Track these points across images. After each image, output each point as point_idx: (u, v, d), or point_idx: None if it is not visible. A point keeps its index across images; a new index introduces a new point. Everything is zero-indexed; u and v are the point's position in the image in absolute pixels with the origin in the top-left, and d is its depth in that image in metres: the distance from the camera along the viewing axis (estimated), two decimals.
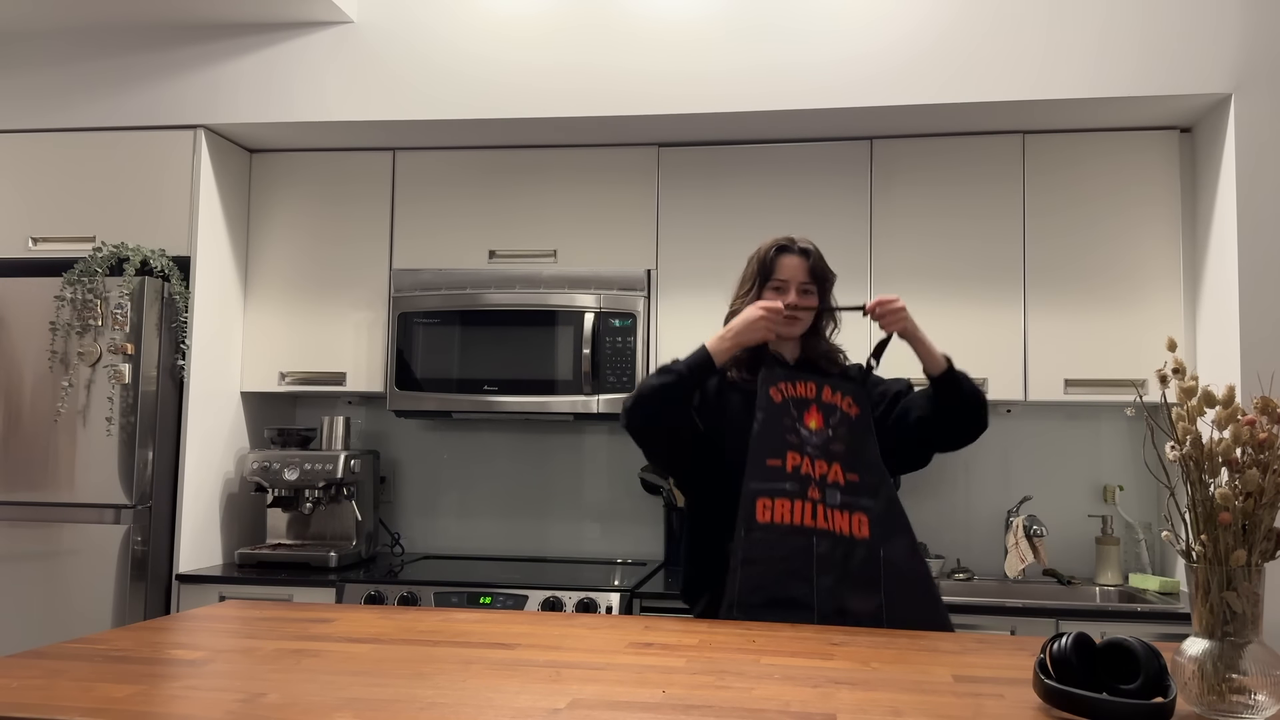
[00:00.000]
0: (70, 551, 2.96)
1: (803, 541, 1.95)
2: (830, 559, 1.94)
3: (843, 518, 1.97)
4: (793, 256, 2.13)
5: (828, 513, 1.97)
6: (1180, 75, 2.80)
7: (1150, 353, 2.98)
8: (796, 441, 2.00)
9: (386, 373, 3.28)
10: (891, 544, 1.99)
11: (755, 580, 1.95)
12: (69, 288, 3.02)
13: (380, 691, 1.36)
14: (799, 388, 2.07)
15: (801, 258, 2.13)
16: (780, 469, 1.98)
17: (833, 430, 2.03)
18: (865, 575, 1.96)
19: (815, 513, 1.96)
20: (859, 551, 1.96)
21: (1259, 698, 1.22)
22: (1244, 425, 1.26)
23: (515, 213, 3.32)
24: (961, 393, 2.04)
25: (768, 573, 1.94)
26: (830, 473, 1.99)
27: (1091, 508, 3.25)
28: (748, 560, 1.95)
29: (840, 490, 1.99)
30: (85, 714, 1.24)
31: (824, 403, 2.06)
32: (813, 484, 1.98)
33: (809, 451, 2.00)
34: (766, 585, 1.94)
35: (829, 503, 1.97)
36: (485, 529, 3.58)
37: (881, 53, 2.93)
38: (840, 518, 1.96)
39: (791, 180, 3.19)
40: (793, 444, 2.00)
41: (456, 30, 3.12)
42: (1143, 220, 3.03)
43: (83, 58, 3.24)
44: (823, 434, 2.02)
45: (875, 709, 1.30)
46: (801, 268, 2.12)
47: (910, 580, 1.99)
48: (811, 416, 2.04)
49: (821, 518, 1.96)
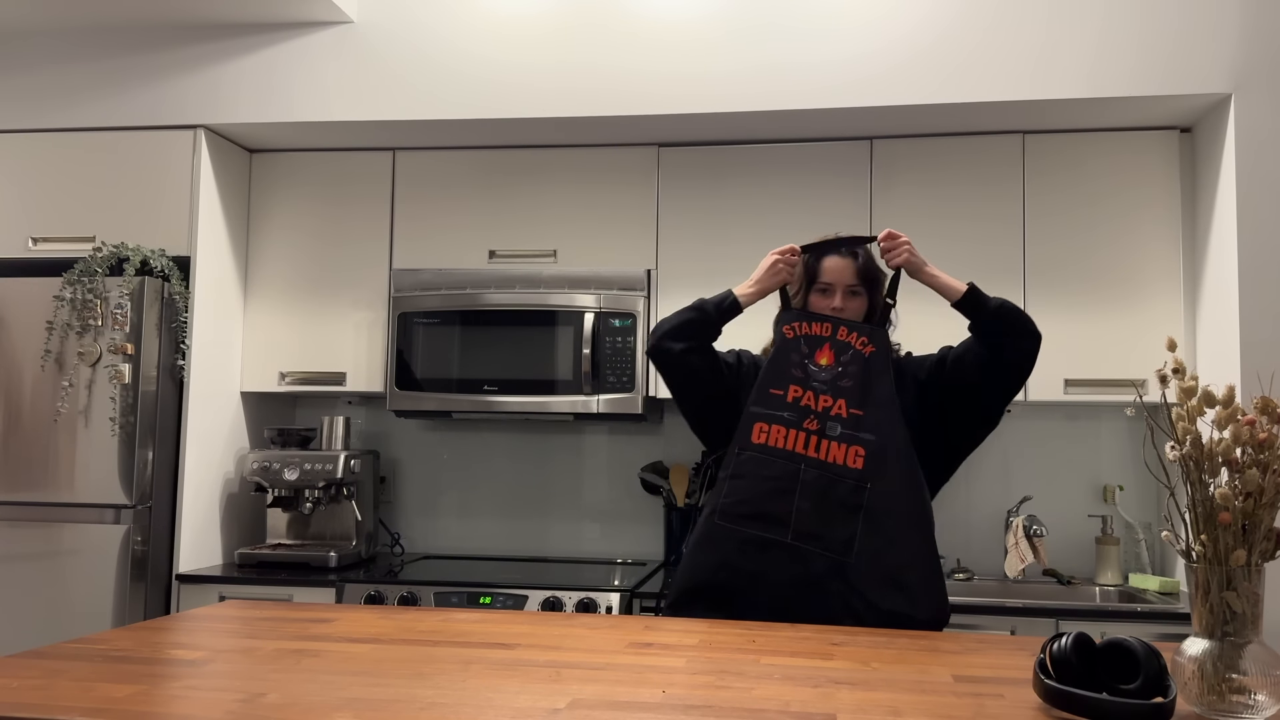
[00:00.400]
0: (70, 551, 2.96)
1: (791, 466, 2.02)
2: (814, 486, 2.00)
3: (839, 449, 2.01)
4: (838, 258, 2.13)
5: (822, 444, 2.02)
6: (1180, 75, 2.80)
7: (1150, 353, 2.98)
8: (801, 376, 2.06)
9: (386, 373, 3.28)
10: (884, 479, 2.00)
11: (740, 493, 2.03)
12: (69, 288, 3.02)
13: (380, 691, 1.36)
14: (814, 326, 2.10)
15: (849, 259, 2.12)
16: (781, 398, 2.05)
17: (843, 367, 2.06)
18: (847, 505, 1.98)
19: (808, 443, 2.02)
20: (846, 482, 2.00)
21: (1259, 698, 1.22)
22: (1244, 425, 1.26)
23: (515, 213, 3.32)
24: (991, 310, 2.05)
25: (753, 488, 2.02)
26: (835, 406, 2.04)
27: (1091, 508, 3.25)
28: (736, 475, 2.04)
29: (841, 423, 2.03)
30: (85, 714, 1.24)
31: (838, 340, 2.09)
32: (811, 415, 2.03)
33: (814, 385, 2.05)
34: (750, 499, 2.02)
35: (828, 434, 2.02)
36: (485, 529, 3.58)
37: (881, 52, 2.93)
38: (837, 449, 2.01)
39: (791, 180, 3.19)
40: (797, 377, 2.06)
41: (456, 30, 3.12)
42: (1143, 220, 3.03)
43: (83, 58, 3.24)
44: (832, 370, 2.06)
45: (875, 709, 1.30)
46: (848, 269, 2.12)
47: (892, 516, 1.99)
48: (823, 354, 2.08)
49: (813, 447, 2.02)
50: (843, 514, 1.98)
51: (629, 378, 3.12)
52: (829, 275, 2.12)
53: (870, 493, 1.98)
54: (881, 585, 1.96)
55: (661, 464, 3.44)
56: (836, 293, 2.11)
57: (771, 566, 1.98)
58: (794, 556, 1.97)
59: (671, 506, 3.38)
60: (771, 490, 2.01)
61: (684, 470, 3.39)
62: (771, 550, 1.98)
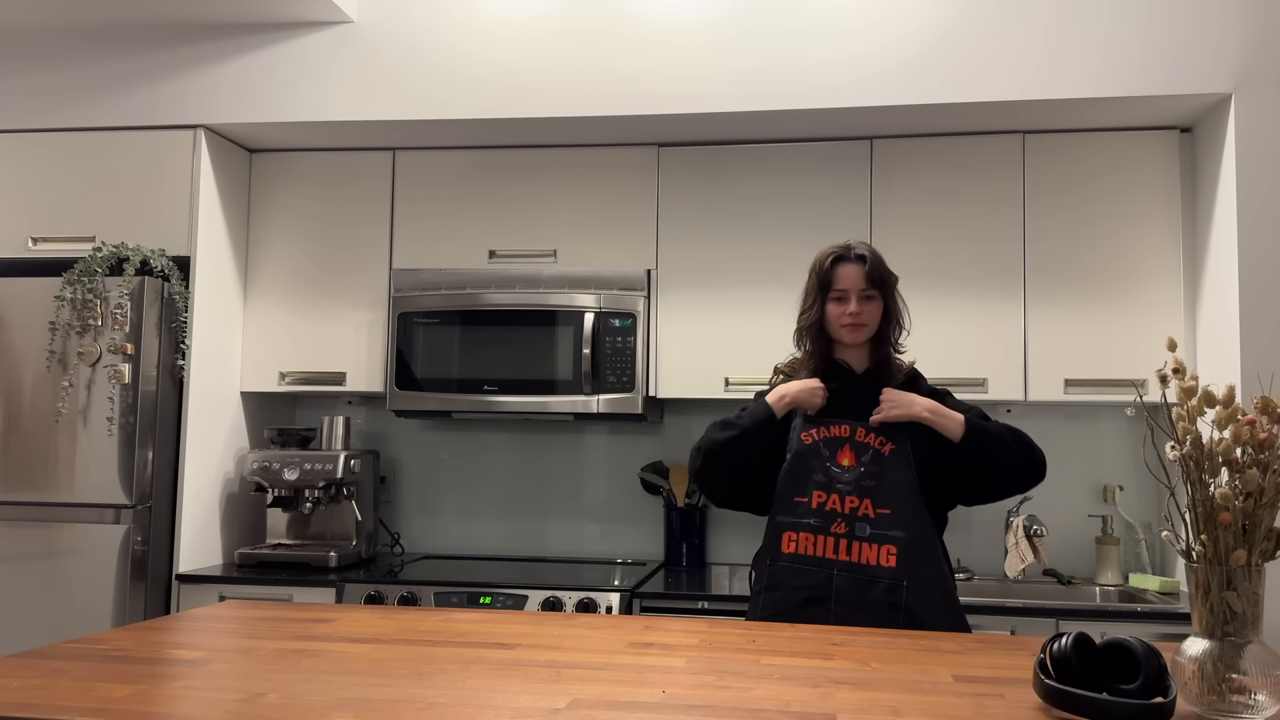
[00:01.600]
0: (70, 551, 2.96)
1: (824, 573, 2.02)
2: (849, 590, 2.00)
3: (870, 550, 2.02)
4: (850, 265, 2.12)
5: (853, 545, 2.02)
6: (1181, 75, 2.80)
7: (1150, 353, 2.98)
8: (825, 480, 2.06)
9: (386, 373, 3.28)
10: (918, 574, 2.01)
11: (776, 605, 2.04)
12: (69, 288, 3.02)
13: (380, 691, 1.36)
14: (833, 430, 2.10)
15: (859, 264, 2.12)
16: (806, 505, 2.06)
17: (864, 467, 2.06)
18: (884, 604, 1.98)
19: (838, 547, 2.03)
20: (882, 582, 2.00)
21: (1259, 698, 1.22)
22: (1244, 425, 1.26)
23: (515, 213, 3.32)
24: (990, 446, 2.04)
25: (788, 599, 2.03)
26: (861, 507, 2.04)
27: (1091, 508, 3.25)
28: (770, 587, 2.06)
29: (870, 523, 2.03)
30: (85, 714, 1.24)
31: (857, 442, 2.08)
32: (839, 519, 2.04)
33: (839, 488, 2.05)
34: (785, 611, 2.02)
35: (857, 535, 2.03)
36: (485, 529, 3.58)
37: (882, 53, 2.93)
38: (868, 550, 2.02)
39: (791, 180, 3.19)
40: (820, 483, 2.06)
41: (456, 30, 3.12)
42: (1143, 220, 3.03)
43: (83, 58, 3.24)
44: (855, 470, 2.06)
45: (875, 709, 1.30)
46: (859, 274, 2.11)
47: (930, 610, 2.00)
48: (844, 455, 2.08)
49: (844, 551, 2.02)
50: (881, 614, 1.98)
51: (629, 378, 3.12)
52: (842, 282, 2.12)
53: (907, 590, 1.99)
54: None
55: (661, 464, 3.44)
56: (851, 298, 2.11)
57: None
58: None
59: (671, 506, 3.38)
60: (806, 600, 2.01)
61: (684, 470, 3.39)
62: None
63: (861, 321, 2.11)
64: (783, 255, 3.15)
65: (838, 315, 2.13)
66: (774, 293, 3.12)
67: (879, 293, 2.13)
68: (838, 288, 2.12)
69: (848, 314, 2.11)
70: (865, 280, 2.11)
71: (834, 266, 2.13)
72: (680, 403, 3.39)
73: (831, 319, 2.14)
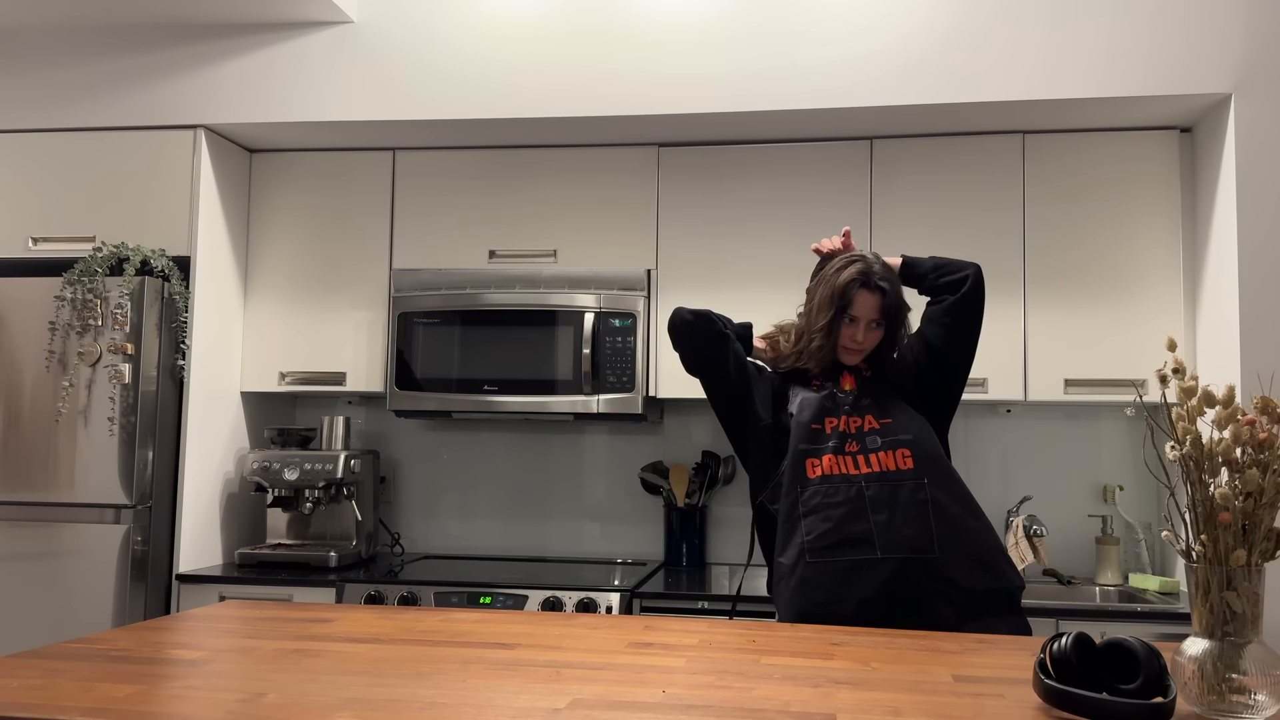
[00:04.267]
0: (70, 551, 2.96)
1: (854, 487, 2.09)
2: (881, 498, 2.07)
3: (888, 456, 2.10)
4: (871, 295, 2.14)
5: (871, 457, 2.11)
6: (1181, 75, 2.80)
7: (1150, 353, 2.98)
8: (833, 405, 2.16)
9: (386, 373, 3.28)
10: (934, 469, 2.10)
11: (820, 527, 2.08)
12: (69, 288, 3.02)
13: (380, 691, 1.36)
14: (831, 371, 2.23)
15: (878, 296, 2.14)
16: (821, 431, 2.14)
17: (859, 388, 2.18)
18: (914, 503, 2.06)
19: (857, 462, 2.11)
20: (907, 484, 2.08)
21: (1259, 698, 1.22)
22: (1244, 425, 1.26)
23: (515, 213, 3.32)
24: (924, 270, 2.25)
25: (830, 518, 2.07)
26: (865, 422, 2.14)
27: (1091, 508, 3.25)
28: (807, 512, 2.09)
29: (879, 434, 2.13)
30: (85, 714, 1.24)
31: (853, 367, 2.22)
32: (849, 438, 2.13)
33: (844, 410, 2.16)
34: (831, 530, 2.06)
35: (869, 448, 2.11)
36: (485, 529, 3.58)
37: (882, 53, 2.93)
38: (886, 457, 2.10)
39: (791, 180, 3.19)
40: (828, 408, 2.16)
41: (456, 30, 3.12)
42: (1143, 220, 3.03)
43: (83, 58, 3.24)
44: (852, 393, 2.18)
45: (875, 709, 1.30)
46: (876, 307, 2.14)
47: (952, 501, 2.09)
48: (846, 380, 2.20)
49: (864, 464, 2.11)
50: (914, 514, 2.05)
51: (629, 378, 3.12)
52: (859, 310, 2.14)
53: (929, 486, 2.07)
54: (970, 569, 2.04)
55: (661, 464, 3.44)
56: (860, 326, 2.15)
57: (871, 586, 2.02)
58: (889, 569, 2.02)
59: (671, 506, 3.38)
60: (846, 514, 2.06)
61: (684, 470, 3.39)
62: (868, 571, 2.03)
63: (861, 349, 2.18)
64: (783, 255, 3.15)
65: (845, 336, 2.16)
66: (774, 293, 3.12)
67: (886, 324, 2.17)
68: (853, 312, 2.14)
69: (852, 339, 2.15)
70: (878, 311, 2.15)
71: (855, 291, 2.14)
72: (680, 403, 3.39)
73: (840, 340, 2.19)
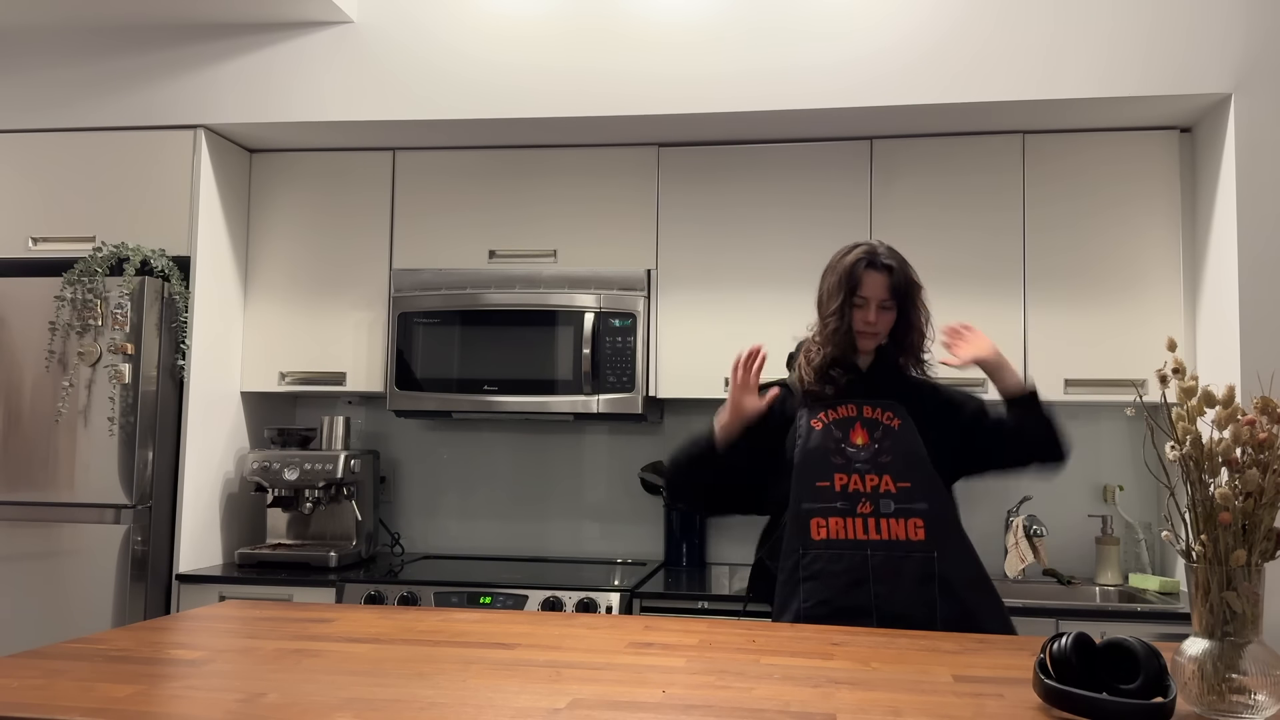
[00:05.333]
0: (70, 551, 2.96)
1: (858, 555, 2.02)
2: (885, 568, 2.01)
3: (898, 525, 2.03)
4: (877, 274, 2.11)
5: (882, 523, 2.03)
6: (1181, 75, 2.80)
7: (1150, 352, 2.98)
8: (843, 462, 2.07)
9: (386, 373, 3.28)
10: (947, 544, 2.03)
11: (818, 594, 2.02)
12: (69, 288, 3.02)
13: (380, 691, 1.36)
14: (840, 411, 2.11)
15: (885, 274, 2.11)
16: (829, 489, 2.05)
17: (878, 444, 2.07)
18: (920, 577, 2.00)
19: (866, 527, 2.03)
20: (915, 556, 2.01)
21: (1259, 698, 1.22)
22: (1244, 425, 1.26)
23: (515, 213, 3.32)
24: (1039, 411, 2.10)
25: (830, 585, 2.02)
26: (882, 483, 2.05)
27: (1091, 508, 3.25)
28: (809, 576, 2.04)
29: (893, 499, 2.04)
30: (85, 714, 1.24)
31: (866, 419, 2.10)
32: (863, 499, 2.04)
33: (857, 468, 2.06)
34: (829, 599, 2.01)
35: (882, 512, 2.03)
36: (485, 529, 3.58)
37: (882, 53, 2.93)
38: (896, 526, 2.03)
39: (791, 180, 3.19)
40: (839, 465, 2.06)
41: (456, 31, 3.12)
42: (1143, 220, 3.03)
43: (83, 58, 3.24)
44: (870, 448, 2.07)
45: (875, 709, 1.30)
46: (884, 285, 2.10)
47: (962, 578, 2.03)
48: (857, 434, 2.09)
49: (874, 530, 2.03)
50: (919, 588, 1.99)
51: (629, 378, 3.12)
52: (866, 289, 2.11)
53: (939, 561, 2.01)
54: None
55: (661, 464, 3.43)
56: (870, 307, 2.10)
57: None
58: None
59: (671, 506, 3.38)
60: (847, 584, 2.01)
61: None
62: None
63: (875, 331, 2.12)
64: (783, 255, 3.15)
65: (855, 320, 2.12)
66: (774, 293, 3.12)
67: (896, 304, 2.12)
68: (861, 294, 2.11)
69: (864, 322, 2.11)
70: (887, 290, 2.10)
71: (862, 270, 2.11)
72: (680, 403, 3.39)
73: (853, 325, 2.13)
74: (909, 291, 2.13)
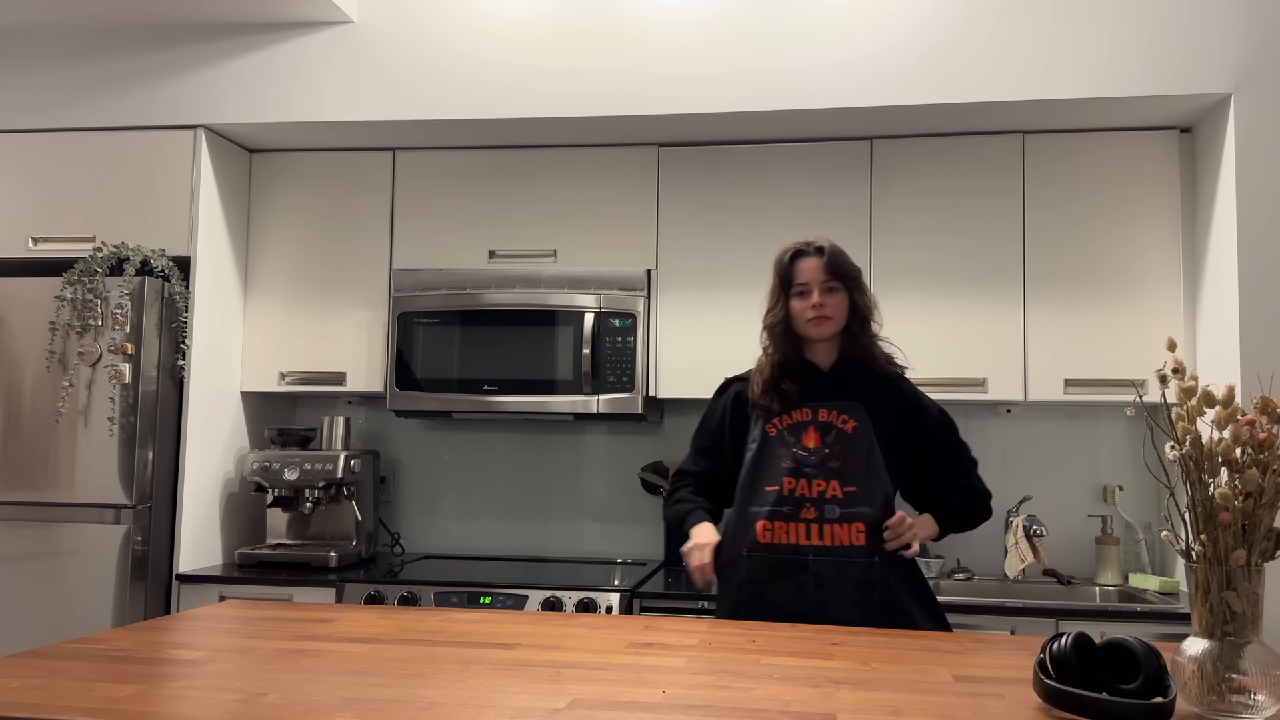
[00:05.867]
0: (70, 551, 2.96)
1: (799, 559, 2.05)
2: (826, 573, 2.03)
3: (842, 530, 2.04)
4: (809, 258, 2.14)
5: (825, 529, 2.05)
6: (1181, 75, 2.80)
7: (1150, 353, 2.97)
8: (792, 466, 2.09)
9: (386, 373, 3.28)
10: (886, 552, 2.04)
11: (758, 597, 2.05)
12: (69, 288, 3.02)
13: (380, 691, 1.36)
14: (795, 415, 2.13)
15: (817, 257, 2.13)
16: (777, 493, 2.08)
17: (829, 448, 2.09)
18: (861, 583, 2.02)
19: (809, 532, 2.05)
20: (856, 562, 2.03)
21: (1259, 698, 1.22)
22: (1244, 425, 1.26)
23: (515, 213, 3.32)
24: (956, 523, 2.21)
25: (769, 590, 2.05)
26: (829, 489, 2.06)
27: (1091, 508, 3.25)
28: (751, 579, 2.07)
29: (839, 504, 2.06)
30: (85, 714, 1.24)
31: (820, 422, 2.11)
32: (808, 504, 2.06)
33: (806, 472, 2.08)
34: (767, 601, 2.04)
35: (827, 518, 2.05)
36: (485, 529, 3.58)
37: (882, 53, 2.93)
38: (840, 531, 2.04)
39: (791, 180, 3.19)
40: (787, 469, 2.09)
41: (456, 31, 3.12)
42: (1142, 220, 3.03)
43: (82, 58, 3.24)
44: (820, 452, 2.09)
45: (875, 709, 1.30)
46: (819, 267, 2.12)
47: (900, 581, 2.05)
48: (809, 437, 2.10)
49: (816, 535, 2.05)
50: (857, 593, 2.02)
51: (629, 378, 3.12)
52: (803, 276, 2.13)
53: (878, 566, 2.03)
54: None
55: (661, 464, 3.44)
56: (814, 291, 2.12)
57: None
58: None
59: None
60: (786, 588, 2.04)
61: None
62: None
63: (826, 314, 2.12)
64: None
65: (802, 310, 2.13)
66: None
67: (841, 285, 2.13)
68: (799, 282, 2.13)
69: (811, 307, 2.11)
70: (825, 272, 2.12)
71: (794, 262, 2.15)
72: (680, 403, 3.39)
73: (797, 315, 2.15)
74: (848, 271, 2.14)
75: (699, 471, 2.27)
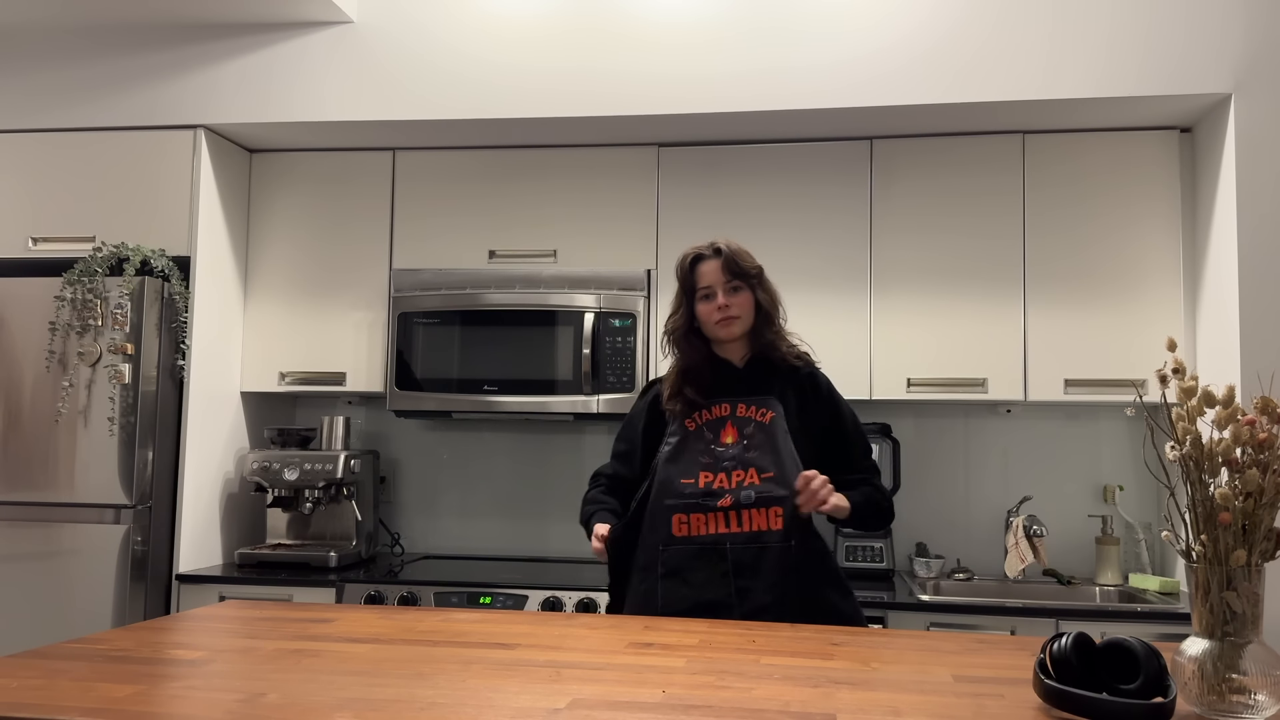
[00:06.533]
0: (70, 551, 2.96)
1: (718, 549, 2.05)
2: (745, 560, 2.03)
3: (759, 515, 2.05)
4: (708, 261, 2.15)
5: (742, 515, 2.05)
6: (1181, 75, 2.80)
7: (1150, 352, 2.98)
8: (710, 461, 2.10)
9: (386, 373, 3.27)
10: (802, 537, 2.06)
11: (679, 590, 2.06)
12: (69, 288, 3.02)
13: (380, 691, 1.36)
14: (714, 411, 2.14)
15: (716, 259, 2.14)
16: (693, 485, 2.08)
17: (747, 439, 2.10)
18: (780, 566, 2.02)
19: (727, 519, 2.06)
20: (774, 547, 2.03)
21: (1259, 698, 1.22)
22: (1244, 425, 1.26)
23: (515, 213, 3.32)
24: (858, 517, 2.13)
25: (689, 582, 2.05)
26: (747, 477, 2.07)
27: (1091, 508, 3.25)
28: (669, 573, 2.07)
29: (755, 489, 2.06)
30: (85, 714, 1.24)
31: (738, 417, 2.12)
32: (725, 494, 2.07)
33: (724, 466, 2.09)
34: (689, 594, 2.04)
35: (743, 503, 2.06)
36: (485, 529, 3.58)
37: (882, 53, 2.93)
38: (757, 516, 2.05)
39: (791, 180, 3.19)
40: (705, 464, 2.10)
41: (456, 30, 3.12)
42: (1143, 220, 3.03)
43: (83, 58, 3.24)
44: (738, 446, 2.10)
45: (875, 709, 1.30)
46: (718, 268, 2.13)
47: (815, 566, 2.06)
48: (727, 433, 2.12)
49: (734, 523, 2.05)
50: (776, 579, 2.02)
51: (629, 378, 3.12)
52: (704, 280, 2.14)
53: (795, 551, 2.03)
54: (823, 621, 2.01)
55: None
56: (718, 293, 2.13)
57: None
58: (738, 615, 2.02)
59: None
60: (706, 579, 2.04)
61: None
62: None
63: (733, 314, 2.13)
64: (782, 255, 3.14)
65: (709, 313, 2.14)
66: None
67: (744, 283, 2.14)
68: (702, 286, 2.14)
69: (717, 309, 2.12)
70: (726, 273, 2.13)
71: (694, 266, 2.16)
72: None
73: (704, 318, 2.16)
74: (748, 270, 2.14)
75: (611, 474, 2.30)
